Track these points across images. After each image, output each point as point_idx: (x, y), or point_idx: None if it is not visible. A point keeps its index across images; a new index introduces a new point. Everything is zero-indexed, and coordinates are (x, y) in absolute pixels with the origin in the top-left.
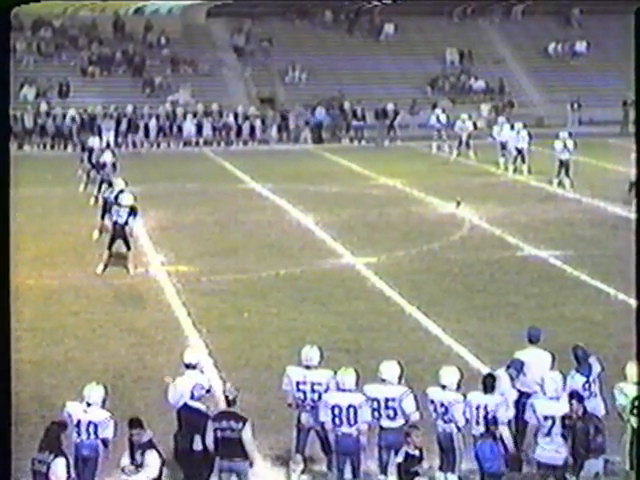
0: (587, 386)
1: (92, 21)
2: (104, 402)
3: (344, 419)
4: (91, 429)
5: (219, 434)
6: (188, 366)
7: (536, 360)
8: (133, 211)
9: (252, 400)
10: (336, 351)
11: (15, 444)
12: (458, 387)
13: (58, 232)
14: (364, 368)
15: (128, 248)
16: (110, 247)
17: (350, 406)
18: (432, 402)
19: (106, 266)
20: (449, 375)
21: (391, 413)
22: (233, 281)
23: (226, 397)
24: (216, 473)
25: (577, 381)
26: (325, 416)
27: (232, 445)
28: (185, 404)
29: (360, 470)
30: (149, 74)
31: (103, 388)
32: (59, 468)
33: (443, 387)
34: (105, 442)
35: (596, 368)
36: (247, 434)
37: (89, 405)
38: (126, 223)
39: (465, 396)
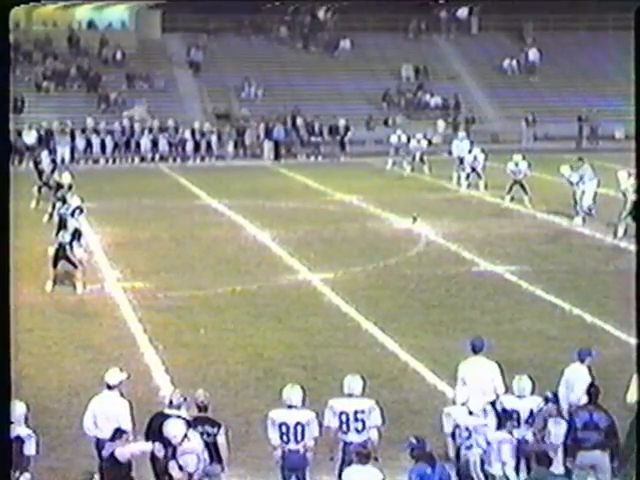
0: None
1: (46, 36)
2: (26, 419)
3: (291, 436)
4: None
5: None
6: (110, 387)
7: (479, 368)
8: (77, 233)
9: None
10: (293, 367)
11: None
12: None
13: (12, 248)
14: (321, 384)
15: (74, 267)
16: (55, 265)
17: (297, 424)
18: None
19: (55, 283)
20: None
21: (359, 426)
22: (189, 297)
23: (199, 404)
24: None
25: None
26: (273, 433)
27: (207, 449)
28: (162, 412)
29: None
30: (104, 89)
31: (25, 405)
32: None
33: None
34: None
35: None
36: (222, 438)
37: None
38: (69, 244)
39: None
